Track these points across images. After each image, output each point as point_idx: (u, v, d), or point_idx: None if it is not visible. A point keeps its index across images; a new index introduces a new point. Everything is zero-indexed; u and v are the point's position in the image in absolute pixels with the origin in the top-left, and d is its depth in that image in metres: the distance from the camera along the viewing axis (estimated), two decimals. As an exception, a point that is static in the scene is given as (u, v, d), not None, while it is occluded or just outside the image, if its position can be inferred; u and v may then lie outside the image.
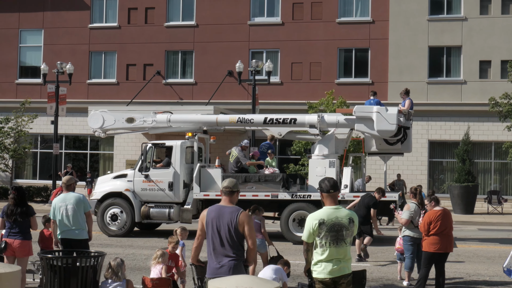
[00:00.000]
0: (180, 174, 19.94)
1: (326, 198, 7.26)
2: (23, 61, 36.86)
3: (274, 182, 19.13)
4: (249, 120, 20.07)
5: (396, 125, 18.61)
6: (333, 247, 6.99)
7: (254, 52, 33.72)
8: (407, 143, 19.63)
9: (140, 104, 32.20)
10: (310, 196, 19.05)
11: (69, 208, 10.53)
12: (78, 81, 34.16)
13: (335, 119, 19.53)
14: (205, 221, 7.29)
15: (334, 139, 19.61)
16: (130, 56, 34.87)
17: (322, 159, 19.22)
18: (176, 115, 21.08)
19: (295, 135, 20.91)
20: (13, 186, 11.44)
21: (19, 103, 33.19)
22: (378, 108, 18.93)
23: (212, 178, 19.76)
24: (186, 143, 20.37)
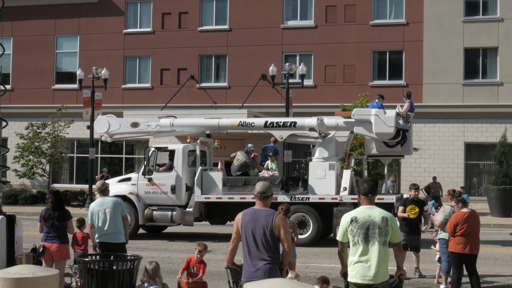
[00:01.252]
0: (182, 177, 20.22)
1: (363, 200, 7.22)
2: (60, 67, 37.39)
3: (273, 185, 19.16)
4: (250, 123, 20.32)
5: (394, 127, 18.68)
6: (364, 245, 6.90)
7: (287, 55, 33.71)
8: (407, 145, 19.64)
9: (174, 109, 32.40)
10: (308, 199, 19.17)
11: (107, 212, 10.66)
12: (113, 86, 34.53)
13: (335, 122, 19.66)
14: (240, 224, 7.31)
15: (335, 142, 19.73)
16: (164, 61, 35.14)
17: (322, 162, 19.37)
18: (179, 119, 21.35)
19: (296, 138, 20.99)
20: (51, 190, 11.62)
21: (56, 109, 33.66)
22: (376, 111, 19.01)
23: (214, 181, 20.07)
24: (188, 146, 20.70)
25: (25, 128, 34.53)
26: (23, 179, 34.71)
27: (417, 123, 31.96)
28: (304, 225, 19.40)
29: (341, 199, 18.77)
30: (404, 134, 19.37)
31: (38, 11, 37.07)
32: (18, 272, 6.61)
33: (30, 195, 34.09)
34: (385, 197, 19.18)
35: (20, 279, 6.49)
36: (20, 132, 34.42)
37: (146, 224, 20.58)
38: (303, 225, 19.38)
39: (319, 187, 19.32)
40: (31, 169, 33.72)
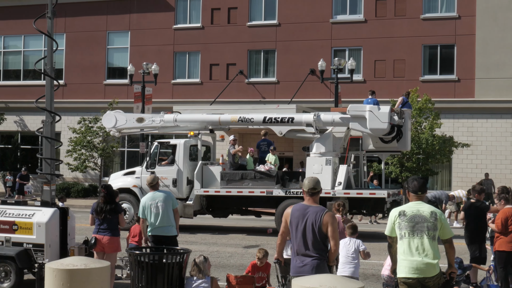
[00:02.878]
0: (183, 171, 20.74)
1: (412, 197, 7.13)
2: (111, 62, 37.94)
3: (269, 179, 19.78)
4: (249, 119, 20.61)
5: (388, 123, 18.80)
6: (412, 238, 6.79)
7: (336, 50, 33.50)
8: (403, 141, 19.74)
9: (223, 103, 32.54)
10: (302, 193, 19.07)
11: (159, 206, 10.81)
12: (163, 81, 34.86)
13: (331, 118, 19.85)
14: (289, 220, 7.32)
15: (332, 138, 19.93)
16: (213, 56, 35.32)
17: (319, 157, 19.63)
18: (182, 115, 21.79)
19: (295, 133, 21.20)
20: (103, 184, 11.82)
21: (107, 103, 34.15)
22: (371, 106, 19.20)
23: (213, 175, 20.60)
24: (190, 141, 21.30)
25: (77, 122, 35.16)
26: (75, 173, 35.38)
27: (468, 119, 31.43)
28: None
29: (334, 193, 19.14)
30: (399, 130, 19.49)
31: (90, 7, 37.67)
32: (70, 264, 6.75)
33: (82, 188, 34.75)
34: (376, 192, 19.50)
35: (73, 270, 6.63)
36: (73, 127, 35.08)
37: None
38: None
39: None
40: (83, 163, 34.34)
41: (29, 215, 10.99)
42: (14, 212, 11.12)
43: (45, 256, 10.71)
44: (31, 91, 36.78)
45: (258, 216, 22.34)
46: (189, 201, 20.61)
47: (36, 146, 38.05)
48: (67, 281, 6.57)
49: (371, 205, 19.23)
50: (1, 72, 39.68)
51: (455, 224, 23.66)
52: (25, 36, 38.95)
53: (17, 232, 10.95)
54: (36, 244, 10.81)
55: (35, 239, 10.82)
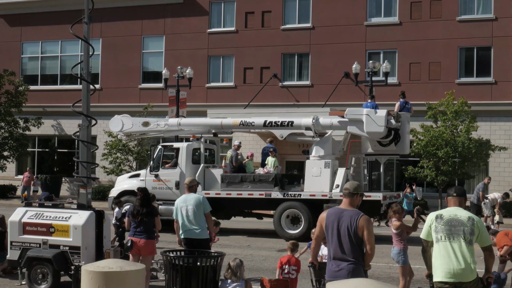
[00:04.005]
0: (186, 173, 21.07)
1: (450, 201, 7.04)
2: (146, 66, 38.25)
3: (268, 182, 20.18)
4: (250, 123, 21.17)
5: (384, 127, 19.20)
6: (448, 241, 6.68)
7: (371, 53, 33.27)
8: (401, 144, 20.07)
9: (257, 107, 32.55)
10: (300, 195, 19.92)
11: (189, 209, 10.84)
12: (198, 85, 35.01)
13: (329, 122, 20.24)
14: (325, 223, 7.26)
15: (331, 141, 20.29)
16: (247, 60, 35.37)
17: (318, 160, 19.99)
18: (186, 119, 22.46)
19: (296, 137, 21.53)
20: (139, 187, 11.89)
21: (142, 107, 34.42)
22: (368, 110, 19.52)
23: (215, 178, 21.01)
24: (192, 145, 21.77)
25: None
26: (111, 176, 35.70)
27: (505, 122, 30.92)
28: (296, 221, 20.17)
29: (330, 196, 19.46)
30: (396, 133, 19.79)
31: (126, 13, 38.04)
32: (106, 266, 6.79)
33: (118, 191, 35.06)
34: (372, 195, 19.58)
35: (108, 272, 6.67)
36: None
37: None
38: (295, 221, 20.18)
39: (314, 184, 19.93)
40: (118, 166, 34.65)
41: (65, 218, 11.12)
42: (51, 215, 11.26)
43: (81, 259, 10.81)
44: (68, 96, 37.26)
45: (260, 218, 22.67)
46: None
47: (72, 150, 38.51)
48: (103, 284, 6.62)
49: (367, 207, 19.13)
50: (39, 77, 40.28)
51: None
52: (62, 42, 39.50)
53: (54, 235, 11.08)
54: (72, 247, 10.92)
55: (71, 241, 10.93)
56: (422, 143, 28.21)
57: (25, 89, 36.99)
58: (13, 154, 36.49)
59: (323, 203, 19.18)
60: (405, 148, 20.47)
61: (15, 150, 36.38)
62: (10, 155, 36.48)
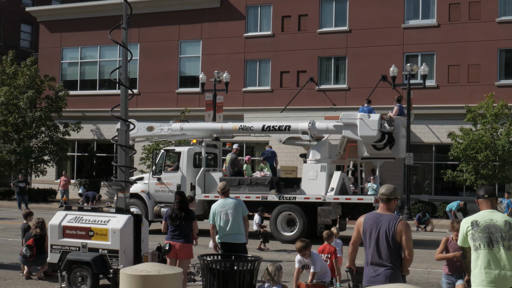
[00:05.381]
0: (187, 177, 21.71)
1: (481, 203, 6.87)
2: (183, 71, 38.51)
3: (264, 185, 20.59)
4: (249, 127, 21.66)
5: (377, 130, 19.58)
6: (488, 249, 6.55)
7: (408, 55, 32.98)
8: (396, 148, 20.47)
9: (294, 111, 32.54)
10: (295, 198, 20.27)
11: (229, 213, 10.87)
12: (234, 89, 35.13)
13: (325, 126, 20.57)
14: (362, 229, 7.22)
15: (328, 145, 20.63)
16: (283, 64, 35.36)
17: (314, 164, 20.38)
18: (188, 124, 22.99)
19: (294, 141, 21.96)
20: (177, 190, 11.96)
21: (179, 112, 34.65)
22: (362, 114, 19.97)
23: (215, 181, 21.32)
24: (194, 149, 22.32)
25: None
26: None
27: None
28: (292, 223, 20.52)
29: (324, 199, 19.81)
30: (390, 137, 20.17)
31: (163, 18, 38.37)
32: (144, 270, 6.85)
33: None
34: (364, 198, 20.00)
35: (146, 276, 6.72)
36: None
37: (154, 220, 21.71)
38: (291, 223, 20.54)
39: (311, 187, 20.32)
40: (156, 170, 34.92)
41: (104, 222, 11.24)
42: (90, 219, 11.39)
43: (120, 262, 10.91)
44: (106, 100, 37.74)
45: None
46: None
47: (111, 154, 38.99)
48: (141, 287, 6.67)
49: (360, 210, 19.55)
50: (78, 82, 40.86)
51: None
52: (101, 47, 40.02)
53: (93, 238, 11.20)
54: (111, 250, 11.03)
55: (110, 245, 11.04)
56: (461, 147, 27.87)
57: (65, 94, 37.54)
58: (53, 158, 37.08)
59: (317, 206, 19.82)
60: (400, 151, 20.88)
61: (55, 154, 36.96)
62: (50, 159, 37.07)
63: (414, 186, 32.31)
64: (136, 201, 22.17)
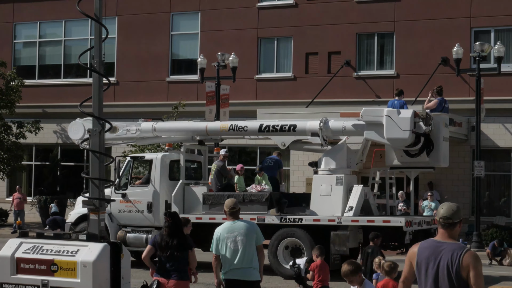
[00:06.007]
0: (160, 192, 21.90)
1: None
2: (176, 53, 38.56)
3: (261, 203, 20.66)
4: (242, 127, 21.90)
5: (409, 131, 19.47)
6: None
7: (478, 31, 32.89)
8: (436, 154, 20.40)
9: (323, 105, 32.48)
10: (301, 220, 20.32)
11: (238, 241, 10.84)
12: (244, 77, 35.10)
13: (341, 126, 20.65)
14: (416, 261, 7.21)
15: (346, 150, 20.77)
16: (310, 43, 35.33)
17: (328, 175, 20.55)
18: (163, 123, 23.43)
19: (302, 145, 22.43)
20: (166, 211, 11.97)
21: (171, 106, 34.63)
22: (389, 110, 20.06)
23: (197, 198, 21.70)
24: (169, 156, 22.60)
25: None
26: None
27: None
28: (297, 253, 20.58)
29: (339, 221, 19.88)
30: (428, 140, 20.08)
31: (149, -18, 38.48)
32: (125, 316, 6.86)
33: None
34: (392, 219, 20.16)
35: (128, 324, 6.74)
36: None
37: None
38: (296, 253, 20.59)
39: (323, 206, 20.43)
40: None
41: (72, 252, 11.25)
42: (53, 249, 11.40)
43: (93, 306, 10.93)
44: (74, 92, 37.86)
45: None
46: None
47: (80, 163, 39.09)
48: None
49: (387, 236, 19.69)
50: (37, 68, 41.04)
51: None
52: (66, 22, 40.21)
53: (57, 274, 11.22)
54: (81, 290, 11.04)
55: (79, 283, 11.06)
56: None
57: (19, 84, 37.67)
58: (3, 169, 37.18)
59: (331, 231, 19.83)
60: (441, 158, 20.82)
61: (6, 164, 37.06)
62: (0, 170, 37.18)
63: (486, 205, 32.16)
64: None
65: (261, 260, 11.11)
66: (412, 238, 20.10)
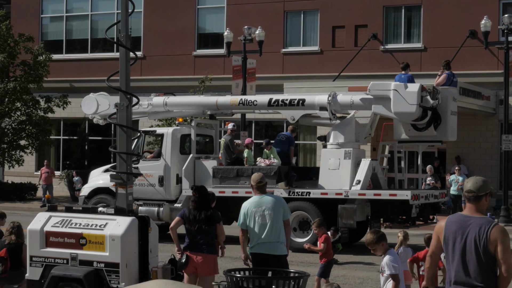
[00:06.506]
0: (171, 167, 22.18)
1: None
2: (202, 27, 38.51)
3: (269, 177, 20.33)
4: (252, 102, 22.31)
5: (416, 105, 19.61)
6: None
7: (506, 3, 32.57)
8: (443, 127, 20.49)
9: (350, 79, 32.35)
10: (309, 194, 20.57)
11: (266, 215, 10.86)
12: (271, 51, 35.02)
13: (349, 99, 20.74)
14: (443, 235, 7.18)
15: (354, 125, 20.89)
16: (336, 16, 35.15)
17: (336, 149, 20.72)
18: (174, 98, 23.55)
19: (311, 119, 22.62)
20: (193, 185, 12.00)
21: (198, 81, 34.64)
22: (396, 84, 20.22)
23: (207, 172, 21.95)
24: (180, 130, 22.84)
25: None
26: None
27: None
28: (305, 226, 20.90)
29: (347, 194, 20.07)
30: (435, 114, 20.19)
31: (176, -44, 38.38)
32: (153, 289, 6.91)
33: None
34: (398, 193, 20.27)
35: (157, 297, 6.79)
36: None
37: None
38: (304, 226, 20.92)
39: (331, 180, 20.62)
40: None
41: (100, 226, 11.31)
42: (82, 222, 11.46)
43: (121, 279, 11.00)
44: (101, 67, 37.94)
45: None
46: (177, 204, 21.80)
47: (108, 138, 39.25)
48: (149, 312, 6.74)
49: (394, 210, 20.03)
50: (64, 43, 41.15)
51: None
52: (93, -4, 40.28)
53: (86, 248, 11.29)
54: (109, 263, 11.11)
55: (108, 256, 11.12)
56: None
57: (47, 58, 37.78)
58: (32, 143, 37.32)
59: (338, 204, 20.07)
60: (449, 132, 20.90)
61: (34, 138, 37.19)
62: (29, 144, 37.32)
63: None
64: (107, 197, 22.64)
65: (288, 235, 11.17)
66: (419, 212, 20.35)
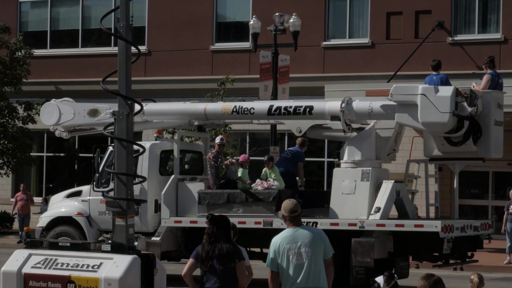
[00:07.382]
0: (148, 191, 22.40)
1: None
2: (222, 14, 38.63)
3: (268, 203, 20.87)
4: (248, 109, 22.23)
5: (449, 114, 19.36)
6: None
7: None
8: (485, 141, 20.28)
9: (410, 78, 32.30)
10: (316, 224, 20.12)
11: (303, 253, 10.83)
12: (308, 44, 35.07)
13: (367, 107, 20.73)
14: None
15: (374, 138, 20.97)
16: (392, 0, 35.19)
17: (352, 168, 20.84)
18: (153, 105, 23.74)
19: (322, 131, 22.67)
20: (209, 214, 11.98)
21: (217, 82, 34.71)
22: (425, 88, 19.98)
23: (193, 197, 22.08)
24: (160, 145, 23.04)
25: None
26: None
27: None
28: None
29: (362, 225, 20.00)
30: (474, 124, 19.89)
31: None
32: None
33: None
34: (425, 223, 20.31)
35: None
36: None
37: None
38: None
39: (345, 206, 20.64)
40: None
41: (93, 267, 11.35)
42: (70, 262, 11.49)
43: (120, 334, 11.02)
44: (94, 65, 38.15)
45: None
46: (155, 237, 21.95)
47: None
48: None
49: (421, 245, 20.14)
50: (48, 35, 41.37)
51: None
52: (84, -24, 40.59)
53: (75, 295, 11.33)
54: (104, 315, 11.15)
55: (102, 306, 11.16)
56: None
57: (27, 55, 37.98)
58: (8, 162, 37.44)
59: (351, 237, 19.99)
60: (492, 147, 20.69)
61: (11, 156, 37.30)
62: (3, 163, 37.46)
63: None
64: (69, 229, 22.85)
65: (330, 278, 11.07)
66: (453, 247, 20.18)
